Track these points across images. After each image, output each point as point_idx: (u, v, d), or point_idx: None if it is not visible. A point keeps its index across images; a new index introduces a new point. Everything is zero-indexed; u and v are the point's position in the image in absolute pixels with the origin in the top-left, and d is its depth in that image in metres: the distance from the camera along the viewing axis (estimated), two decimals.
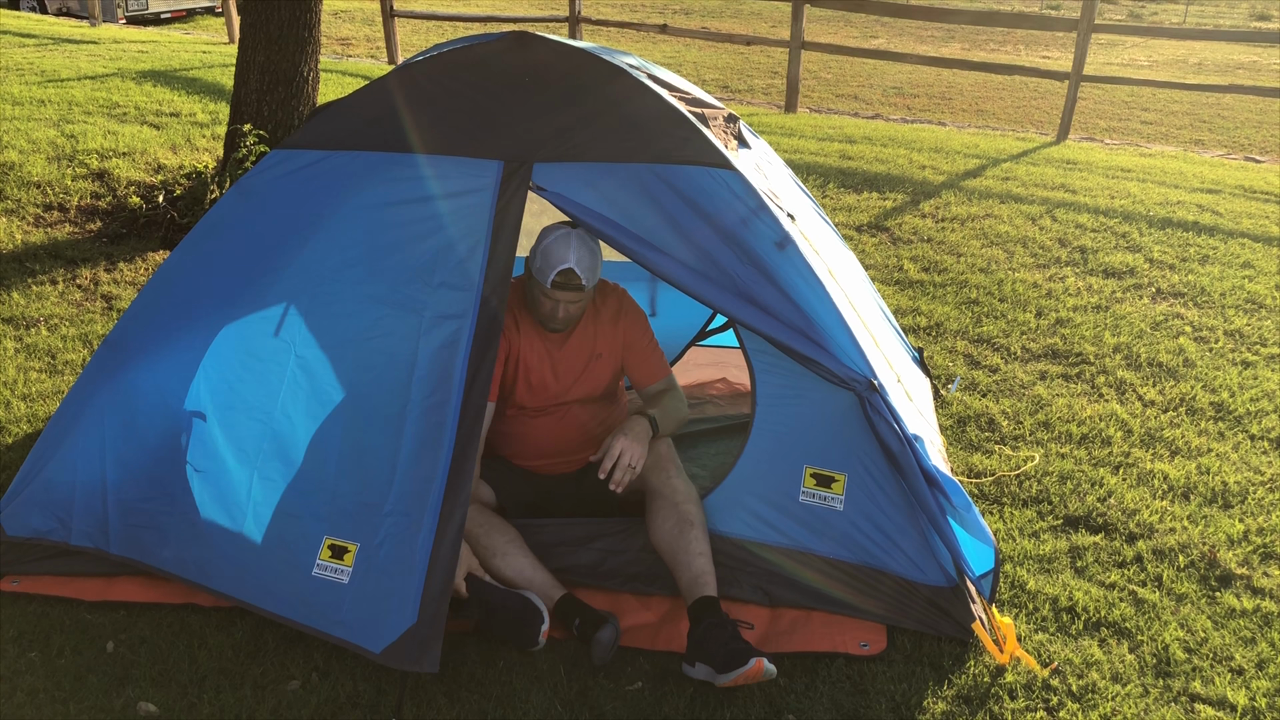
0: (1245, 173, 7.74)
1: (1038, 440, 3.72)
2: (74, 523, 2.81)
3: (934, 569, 2.66)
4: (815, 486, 2.71)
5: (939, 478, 2.60)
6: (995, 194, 6.59)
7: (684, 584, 2.67)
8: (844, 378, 2.63)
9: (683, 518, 2.73)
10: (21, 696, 2.49)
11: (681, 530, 2.71)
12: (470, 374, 2.54)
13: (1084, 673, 2.60)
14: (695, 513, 2.75)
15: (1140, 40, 17.72)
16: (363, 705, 2.47)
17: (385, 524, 2.51)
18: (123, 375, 2.84)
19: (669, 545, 2.72)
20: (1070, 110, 8.74)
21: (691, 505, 2.76)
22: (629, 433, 2.80)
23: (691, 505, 2.76)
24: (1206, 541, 3.16)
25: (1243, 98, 12.20)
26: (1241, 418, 3.92)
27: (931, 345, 4.47)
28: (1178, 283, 5.18)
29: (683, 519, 2.73)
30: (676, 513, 2.74)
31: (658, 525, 2.75)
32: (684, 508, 2.75)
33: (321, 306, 2.75)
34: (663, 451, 2.91)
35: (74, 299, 4.62)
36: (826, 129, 8.65)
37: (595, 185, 2.72)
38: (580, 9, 10.41)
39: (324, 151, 2.85)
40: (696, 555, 2.68)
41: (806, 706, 2.48)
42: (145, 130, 6.55)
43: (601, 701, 2.49)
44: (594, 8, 17.97)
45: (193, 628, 2.71)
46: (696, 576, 2.66)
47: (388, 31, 11.24)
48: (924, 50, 14.76)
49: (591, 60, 2.82)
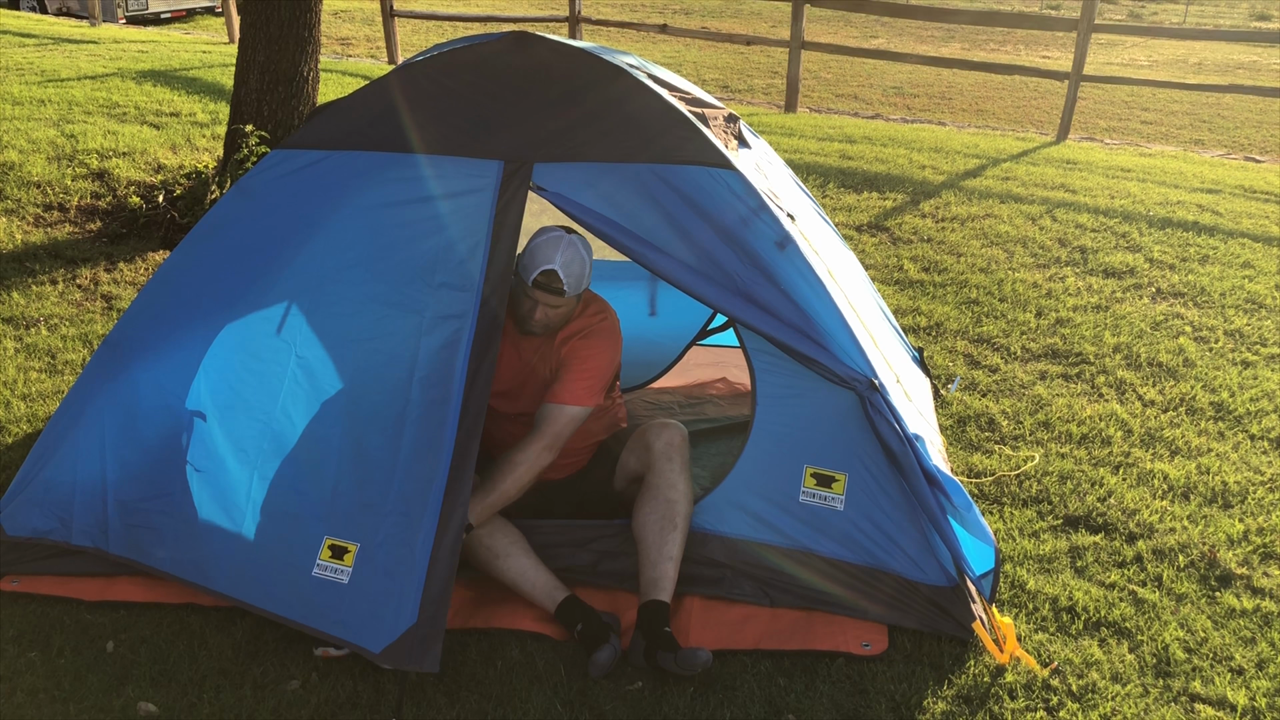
0: (1245, 173, 7.74)
1: (1038, 440, 3.72)
2: (74, 522, 2.81)
3: (935, 569, 2.66)
4: (816, 486, 2.71)
5: (940, 477, 2.60)
6: (995, 194, 6.59)
7: (644, 579, 2.69)
8: (844, 377, 2.63)
9: (668, 517, 2.73)
10: (21, 696, 2.49)
11: (663, 529, 2.72)
12: (470, 374, 2.54)
13: (1084, 673, 2.60)
14: (683, 515, 2.74)
15: (1140, 40, 17.73)
16: (363, 705, 2.47)
17: (385, 524, 2.51)
18: (123, 375, 2.84)
19: (646, 538, 2.73)
20: (1070, 110, 8.73)
21: (681, 506, 2.75)
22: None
23: (681, 506, 2.75)
24: (1206, 541, 3.16)
25: (1243, 98, 12.20)
26: (1241, 418, 3.92)
27: (931, 345, 4.47)
28: (1178, 283, 5.18)
29: (667, 518, 2.73)
30: (665, 510, 2.74)
31: (643, 515, 2.75)
32: (675, 507, 2.74)
33: (322, 307, 2.75)
34: (675, 442, 2.87)
35: (74, 299, 4.62)
36: (826, 129, 8.65)
37: (595, 185, 2.72)
38: (580, 9, 10.41)
39: (324, 151, 2.85)
40: (667, 559, 2.69)
41: (806, 706, 2.48)
42: (145, 130, 6.55)
43: (601, 701, 2.49)
44: (594, 8, 17.96)
45: (193, 628, 2.71)
46: (658, 579, 2.67)
47: (388, 31, 11.24)
48: (924, 50, 14.76)
49: (591, 60, 2.82)
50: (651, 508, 2.75)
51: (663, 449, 2.85)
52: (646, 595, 2.65)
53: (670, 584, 2.67)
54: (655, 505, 2.75)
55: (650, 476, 2.81)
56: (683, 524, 2.74)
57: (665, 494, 2.76)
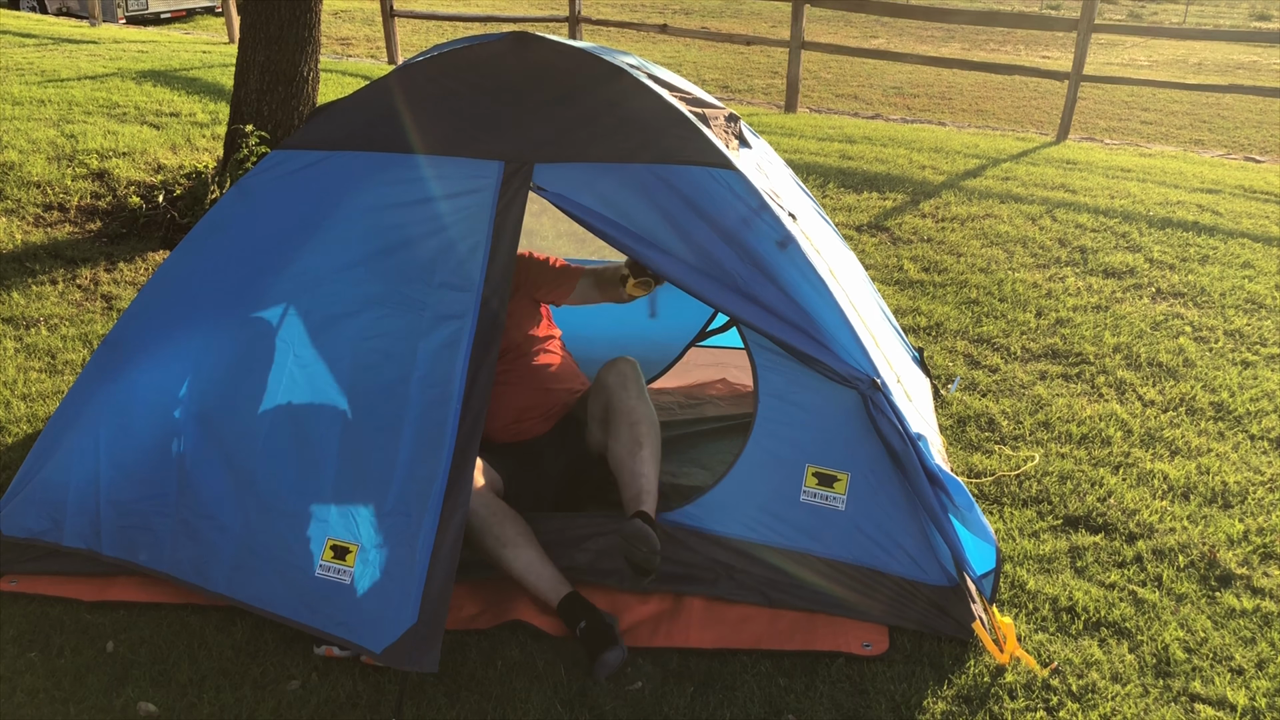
0: (1245, 173, 7.74)
1: (1038, 440, 3.72)
2: (66, 523, 2.81)
3: (936, 568, 2.66)
4: (818, 485, 2.70)
5: (942, 476, 2.60)
6: (995, 194, 6.59)
7: (627, 498, 2.87)
8: (846, 376, 2.63)
9: (633, 439, 2.91)
10: (21, 696, 2.49)
11: (632, 451, 2.90)
12: (470, 374, 2.54)
13: (1084, 673, 2.60)
14: (648, 435, 2.93)
15: (1140, 40, 17.73)
16: (363, 705, 2.47)
17: (385, 524, 2.51)
18: (121, 375, 2.84)
19: (619, 463, 2.92)
20: (1070, 110, 8.74)
21: (644, 427, 2.94)
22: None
23: (644, 427, 2.94)
24: (1206, 541, 3.16)
25: (1243, 98, 12.20)
26: (1241, 418, 3.92)
27: (931, 345, 4.47)
28: (1178, 283, 5.18)
29: (633, 440, 2.91)
30: (631, 434, 2.92)
31: (613, 444, 2.95)
32: (638, 429, 2.93)
33: (321, 307, 2.75)
34: (627, 372, 3.07)
35: (74, 299, 4.62)
36: (826, 129, 8.65)
37: (596, 186, 2.72)
38: (580, 9, 10.41)
39: (324, 152, 2.85)
40: (640, 475, 2.87)
41: (806, 706, 2.48)
42: (145, 130, 6.55)
43: (601, 701, 2.49)
44: (594, 8, 17.97)
45: (192, 628, 2.71)
46: (638, 493, 2.85)
47: (388, 31, 11.24)
48: (924, 50, 14.76)
49: (591, 60, 2.82)
50: (616, 436, 2.94)
51: (617, 380, 3.04)
52: (630, 511, 2.83)
53: (650, 496, 2.84)
54: (619, 432, 2.94)
55: (611, 411, 3.01)
56: (649, 441, 2.92)
57: (627, 419, 2.95)
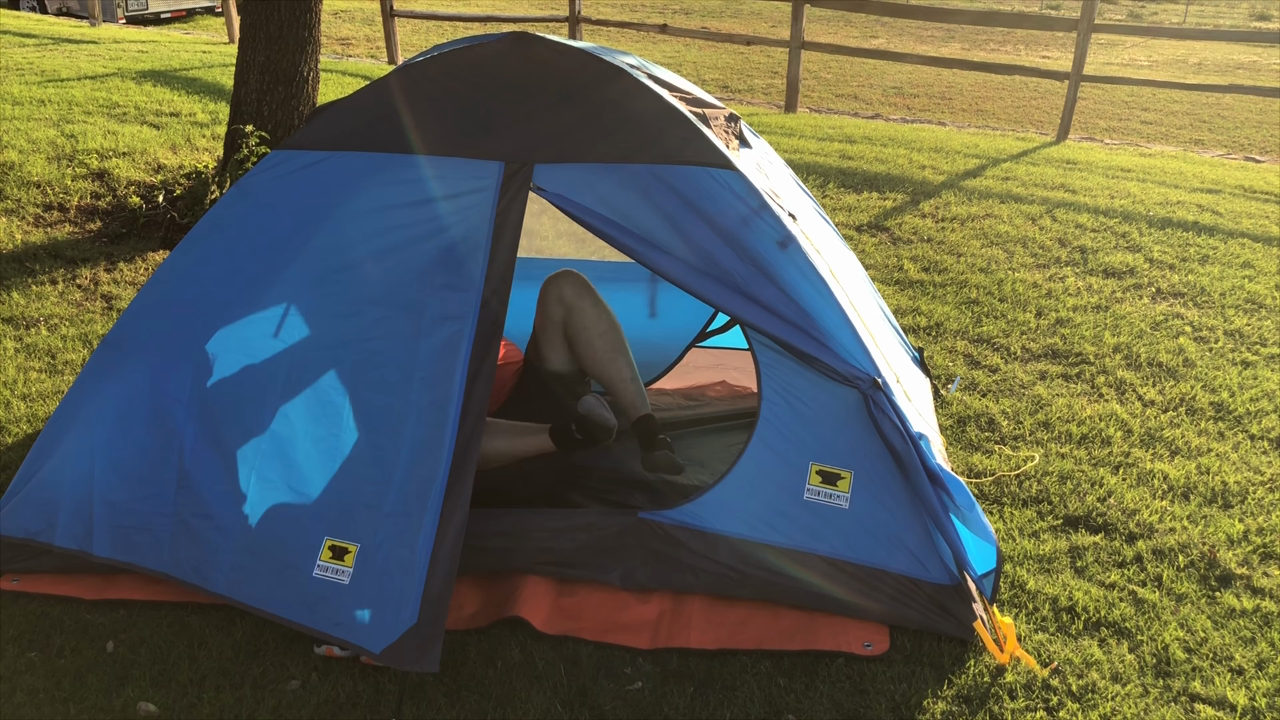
0: (1245, 173, 7.74)
1: (1038, 440, 3.72)
2: (59, 524, 2.80)
3: (938, 566, 2.66)
4: (821, 484, 2.70)
5: (943, 476, 2.60)
6: (995, 194, 6.59)
7: (622, 408, 3.23)
8: (847, 375, 2.63)
9: (608, 347, 3.24)
10: (21, 696, 2.49)
11: (613, 359, 3.23)
12: (470, 375, 2.54)
13: (1084, 673, 2.61)
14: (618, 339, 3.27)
15: (1140, 40, 17.73)
16: (363, 705, 2.47)
17: (385, 524, 2.51)
18: (119, 376, 2.84)
19: (602, 376, 3.27)
20: (1070, 110, 8.74)
21: (611, 334, 3.26)
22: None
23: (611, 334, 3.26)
24: (1206, 541, 3.16)
25: (1243, 98, 12.20)
26: (1241, 418, 3.92)
27: (931, 345, 4.47)
28: (1178, 283, 5.18)
29: (606, 349, 3.24)
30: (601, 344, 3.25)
31: (589, 359, 3.27)
32: (606, 338, 3.25)
33: (321, 307, 2.75)
34: (580, 283, 3.31)
35: (74, 299, 4.62)
36: (826, 129, 8.65)
37: (596, 186, 2.72)
38: (580, 9, 10.41)
39: (324, 152, 2.85)
40: (625, 381, 3.22)
41: (806, 706, 2.48)
42: (145, 130, 6.55)
43: (601, 701, 2.49)
44: (594, 8, 17.97)
45: (192, 627, 2.71)
46: (632, 400, 3.23)
47: (388, 31, 11.24)
48: (924, 50, 14.76)
49: (591, 60, 2.82)
50: (585, 349, 3.25)
51: (573, 295, 3.28)
52: (632, 417, 3.21)
53: (641, 399, 3.23)
54: (592, 344, 3.25)
55: (572, 327, 3.28)
56: (620, 345, 3.28)
57: (594, 330, 3.25)
